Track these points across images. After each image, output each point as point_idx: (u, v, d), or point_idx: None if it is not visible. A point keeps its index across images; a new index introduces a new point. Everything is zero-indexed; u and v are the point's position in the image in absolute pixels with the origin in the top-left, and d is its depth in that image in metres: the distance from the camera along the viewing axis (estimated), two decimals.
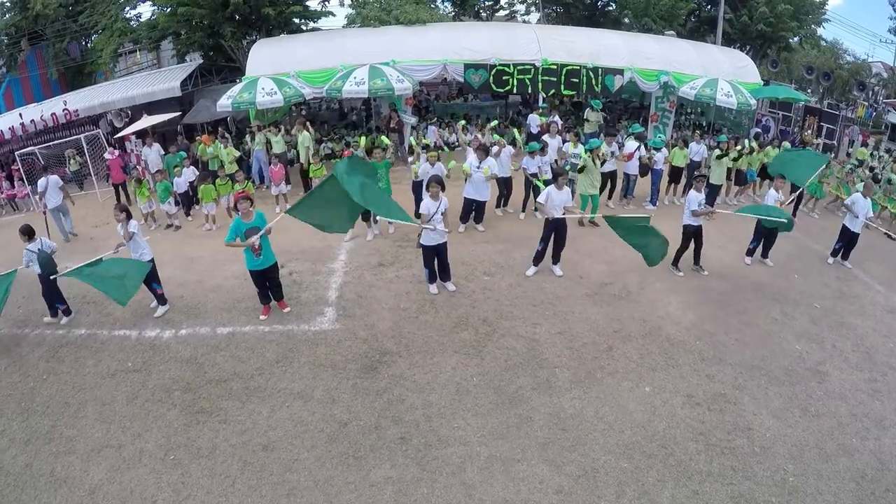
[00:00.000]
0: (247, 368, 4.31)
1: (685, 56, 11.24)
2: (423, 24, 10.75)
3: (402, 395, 3.97)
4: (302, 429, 3.67)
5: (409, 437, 3.56)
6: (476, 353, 4.56)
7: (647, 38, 11.77)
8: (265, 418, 3.78)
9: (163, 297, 5.24)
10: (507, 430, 3.74)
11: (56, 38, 12.98)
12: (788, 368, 4.70)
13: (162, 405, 3.98)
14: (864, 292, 6.36)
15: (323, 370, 4.22)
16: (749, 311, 5.52)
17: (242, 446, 3.55)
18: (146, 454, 3.54)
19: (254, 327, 4.83)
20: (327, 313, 5.08)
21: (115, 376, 4.33)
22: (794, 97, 11.18)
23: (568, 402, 4.05)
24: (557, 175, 5.53)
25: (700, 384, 4.34)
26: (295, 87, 9.02)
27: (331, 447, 3.49)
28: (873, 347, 5.20)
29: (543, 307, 5.26)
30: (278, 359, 4.41)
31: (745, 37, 13.94)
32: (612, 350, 4.68)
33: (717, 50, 12.33)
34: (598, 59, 10.45)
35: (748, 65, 11.66)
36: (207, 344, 4.65)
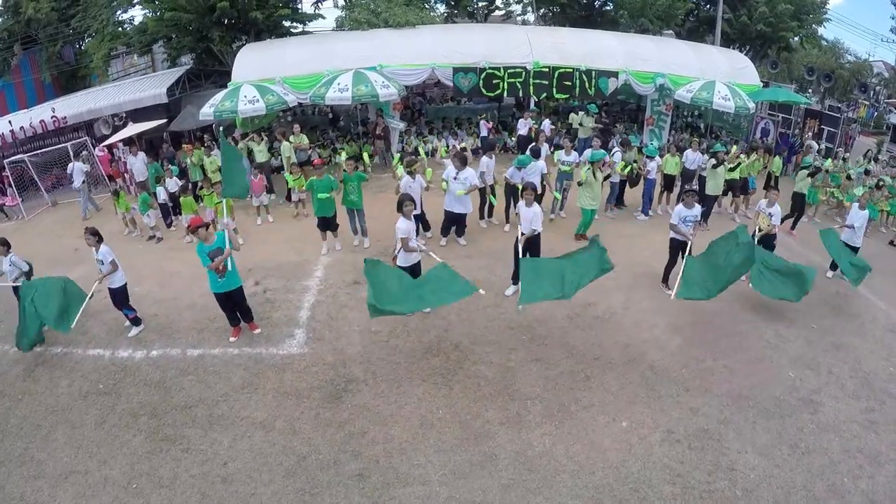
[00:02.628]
0: (212, 394, 4.17)
1: (682, 57, 10.80)
2: (413, 27, 10.38)
3: (364, 428, 3.78)
4: (261, 461, 3.53)
5: (367, 473, 3.39)
6: (445, 382, 4.29)
7: (644, 39, 11.34)
8: (226, 449, 3.66)
9: (136, 319, 5.11)
10: (470, 469, 3.51)
11: (49, 42, 12.75)
12: (779, 399, 4.37)
13: (128, 430, 3.88)
14: (865, 309, 5.99)
15: (287, 398, 4.06)
16: (741, 332, 5.18)
17: (202, 477, 3.45)
18: (110, 482, 3.46)
19: (223, 350, 4.68)
20: (297, 336, 4.89)
21: (86, 398, 4.25)
22: (794, 100, 10.71)
23: (537, 438, 3.77)
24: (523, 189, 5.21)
25: (682, 418, 4.03)
26: (278, 95, 8.70)
27: (288, 482, 3.35)
28: (872, 372, 4.86)
29: (521, 331, 4.95)
30: (244, 384, 4.25)
31: (745, 37, 13.43)
32: (590, 380, 4.37)
33: (715, 51, 11.86)
34: (591, 61, 10.05)
35: (747, 66, 11.19)
36: (177, 367, 4.52)
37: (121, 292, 4.94)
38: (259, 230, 7.68)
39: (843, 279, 6.53)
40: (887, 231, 8.68)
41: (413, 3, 11.11)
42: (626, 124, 12.02)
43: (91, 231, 4.91)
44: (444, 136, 10.86)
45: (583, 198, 6.46)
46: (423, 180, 6.08)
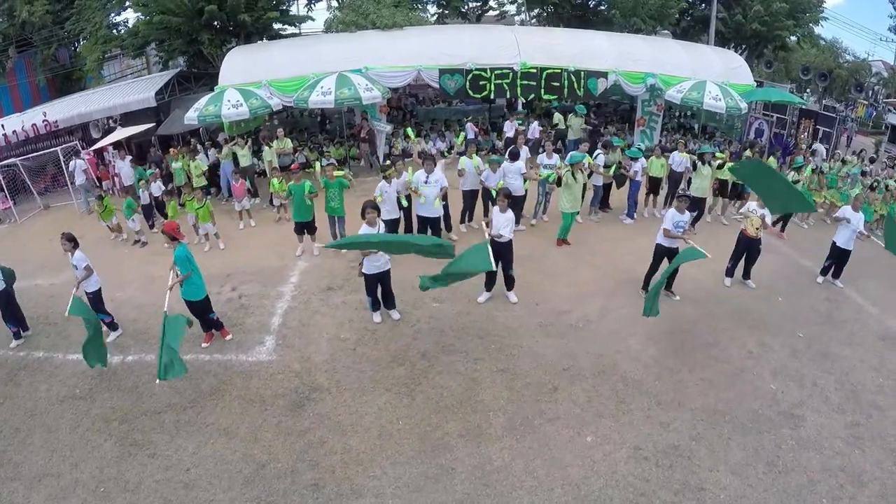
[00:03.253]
0: (181, 400, 4.15)
1: (675, 57, 10.53)
2: (401, 29, 10.21)
3: (323, 437, 3.70)
4: (222, 468, 3.51)
5: (322, 483, 3.32)
6: (408, 392, 4.15)
7: (635, 38, 11.08)
8: (190, 455, 3.64)
9: (112, 323, 5.09)
10: (425, 483, 3.38)
11: (44, 45, 12.70)
12: (758, 413, 4.14)
13: (100, 435, 3.91)
14: (855, 316, 5.72)
15: (251, 405, 4.01)
16: (721, 342, 4.95)
17: (166, 483, 3.45)
18: (80, 485, 3.50)
19: (195, 356, 4.64)
20: (267, 342, 4.82)
21: (63, 402, 4.27)
22: (788, 100, 10.38)
23: (497, 452, 3.59)
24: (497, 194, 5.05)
25: (651, 434, 3.81)
26: (262, 99, 8.57)
27: (246, 490, 3.33)
28: (860, 384, 4.61)
29: (490, 339, 4.77)
30: (212, 391, 4.22)
31: (740, 36, 13.10)
32: (558, 391, 4.17)
33: (709, 50, 11.57)
34: (581, 61, 9.82)
35: (741, 66, 10.90)
36: (150, 372, 4.44)
37: (95, 296, 4.91)
38: (241, 234, 7.59)
39: (834, 284, 6.27)
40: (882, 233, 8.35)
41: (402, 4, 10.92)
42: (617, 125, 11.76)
43: (67, 237, 4.90)
44: (432, 137, 10.67)
45: (562, 201, 6.26)
46: (399, 185, 5.94)
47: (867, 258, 7.17)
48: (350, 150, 10.13)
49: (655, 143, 10.05)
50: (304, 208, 6.15)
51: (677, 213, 5.14)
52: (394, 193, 5.90)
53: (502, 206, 4.92)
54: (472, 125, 10.09)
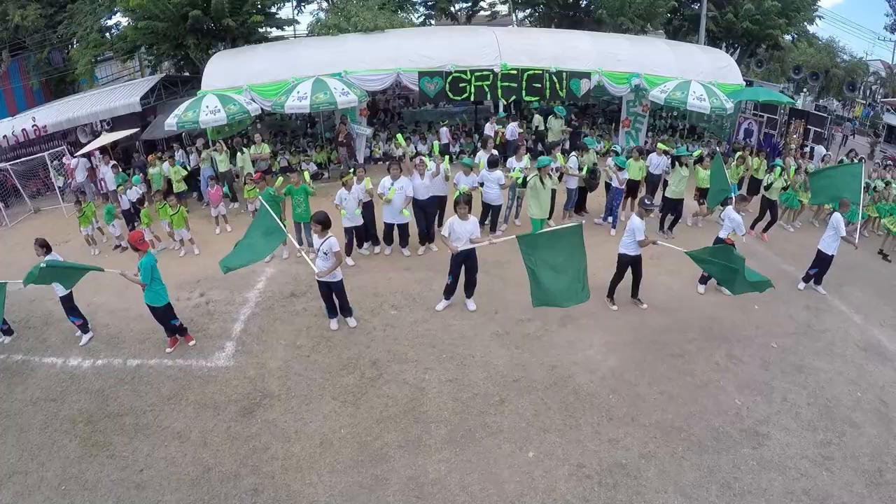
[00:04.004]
0: (142, 404, 4.21)
1: (661, 57, 10.21)
2: (382, 32, 10.04)
3: (267, 443, 3.69)
4: (172, 470, 3.58)
5: (261, 489, 3.34)
6: (354, 400, 4.03)
7: (620, 38, 10.75)
8: (144, 456, 3.72)
9: (83, 326, 5.10)
10: (359, 492, 3.30)
11: (37, 49, 12.67)
12: (718, 430, 3.85)
13: (66, 436, 3.98)
14: (837, 325, 5.39)
15: (205, 410, 4.04)
16: (688, 353, 4.66)
17: (120, 482, 3.54)
18: (45, 483, 3.59)
19: (159, 360, 4.67)
20: (227, 348, 4.79)
21: (35, 404, 4.35)
22: (776, 99, 9.98)
23: (433, 464, 3.45)
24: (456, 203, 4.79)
25: (598, 451, 3.57)
26: (240, 104, 8.43)
27: (191, 492, 3.39)
28: (835, 398, 4.31)
29: (443, 348, 4.58)
30: (171, 395, 4.25)
31: (731, 35, 12.67)
32: (504, 404, 3.96)
33: (698, 50, 11.22)
34: (563, 62, 9.55)
35: (730, 65, 10.53)
36: (116, 376, 4.56)
37: (67, 300, 4.94)
38: (217, 239, 7.51)
39: (816, 290, 5.93)
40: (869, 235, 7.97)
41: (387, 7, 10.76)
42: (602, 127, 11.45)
43: (40, 243, 4.94)
44: (415, 140, 10.48)
45: (530, 207, 6.00)
46: (360, 192, 5.76)
47: (854, 263, 6.81)
48: (331, 154, 9.97)
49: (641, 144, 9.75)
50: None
51: (640, 219, 4.86)
52: (353, 201, 5.73)
53: (462, 214, 4.70)
54: (446, 130, 9.84)
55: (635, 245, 4.86)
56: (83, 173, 9.29)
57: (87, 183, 9.41)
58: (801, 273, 6.03)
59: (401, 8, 13.06)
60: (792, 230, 7.77)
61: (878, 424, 4.10)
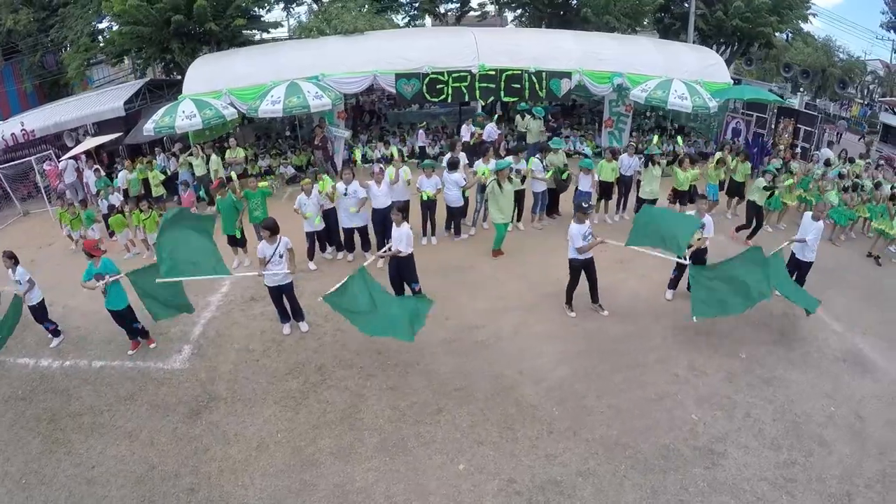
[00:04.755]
0: (101, 403, 4.30)
1: (646, 56, 9.92)
2: (362, 34, 9.88)
3: (208, 445, 3.75)
4: (120, 467, 3.67)
5: (197, 488, 3.40)
6: (294, 405, 4.01)
7: (604, 37, 10.49)
8: (97, 454, 3.80)
9: (55, 330, 5.21)
10: (287, 497, 3.30)
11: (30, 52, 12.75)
12: (668, 447, 3.56)
13: (31, 433, 4.09)
14: (815, 333, 5.05)
15: (157, 411, 4.13)
16: (646, 364, 4.38)
17: (73, 478, 3.63)
18: (8, 476, 3.69)
19: (121, 362, 4.76)
20: (184, 351, 4.84)
21: (6, 402, 4.45)
22: (763, 97, 9.58)
23: (362, 473, 3.39)
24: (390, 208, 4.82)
25: (532, 466, 3.40)
26: (216, 109, 8.34)
27: (135, 489, 3.48)
28: (805, 414, 3.99)
29: (389, 355, 4.46)
30: (128, 396, 4.34)
31: (721, 33, 12.25)
32: (441, 413, 3.83)
33: (685, 48, 10.90)
34: (542, 62, 9.31)
35: (717, 63, 10.18)
36: (81, 377, 4.65)
37: (38, 309, 5.03)
38: None
39: None
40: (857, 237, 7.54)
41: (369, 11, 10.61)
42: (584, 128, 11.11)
43: (7, 254, 5.03)
44: (395, 142, 10.29)
45: (492, 211, 5.80)
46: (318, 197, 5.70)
47: (841, 266, 6.42)
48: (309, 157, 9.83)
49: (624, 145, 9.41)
50: (230, 222, 6.04)
51: (579, 224, 4.62)
52: (313, 206, 5.66)
53: (397, 220, 4.66)
54: (422, 131, 9.62)
55: None
56: (72, 175, 9.32)
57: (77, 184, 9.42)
58: None
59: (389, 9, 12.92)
60: (771, 230, 7.38)
61: (850, 442, 3.78)
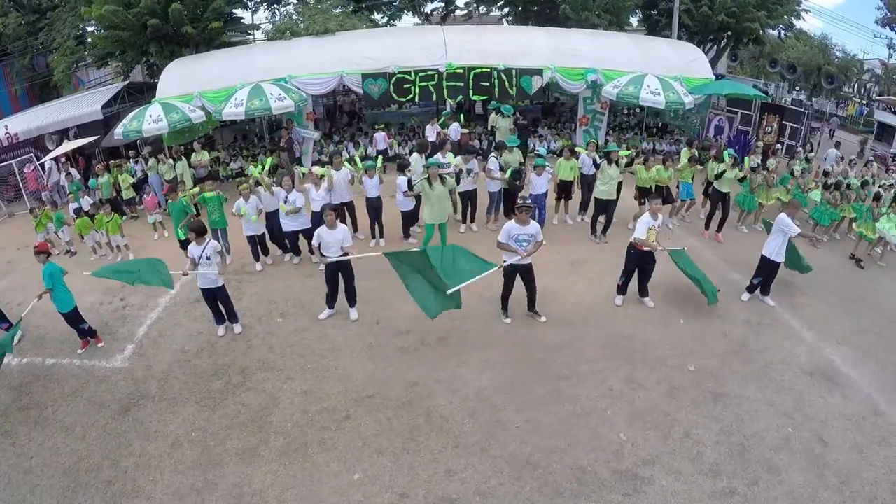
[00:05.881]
0: (47, 399, 4.38)
1: (623, 52, 9.57)
2: (333, 34, 9.68)
3: (131, 440, 3.83)
4: (54, 459, 3.76)
5: (114, 481, 3.50)
6: (213, 405, 4.03)
7: (578, 33, 10.20)
8: (37, 445, 3.90)
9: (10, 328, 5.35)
10: (188, 494, 3.34)
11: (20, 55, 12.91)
12: (585, 469, 3.18)
13: None
14: (780, 343, 4.59)
15: (93, 407, 4.21)
16: (577, 375, 3.99)
17: (13, 467, 3.73)
18: None
19: (70, 360, 4.82)
20: (126, 351, 4.87)
21: None
22: (743, 92, 9.06)
23: (260, 475, 3.37)
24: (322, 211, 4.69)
25: (429, 481, 3.23)
26: (183, 112, 8.29)
27: (63, 479, 3.59)
28: (755, 436, 3.56)
29: (310, 359, 4.40)
30: (71, 392, 4.41)
31: (707, 29, 11.71)
32: (348, 420, 3.73)
33: (665, 44, 10.52)
34: (513, 59, 9.06)
35: (698, 58, 9.76)
36: (34, 373, 4.72)
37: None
38: (155, 245, 7.48)
39: (763, 301, 5.07)
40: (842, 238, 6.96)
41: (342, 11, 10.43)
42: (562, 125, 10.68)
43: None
44: (365, 142, 10.04)
45: (425, 212, 5.58)
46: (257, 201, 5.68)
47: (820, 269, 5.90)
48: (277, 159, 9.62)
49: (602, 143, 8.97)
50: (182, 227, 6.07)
51: (518, 225, 4.30)
52: (251, 209, 5.64)
53: (330, 223, 4.51)
54: (383, 134, 9.34)
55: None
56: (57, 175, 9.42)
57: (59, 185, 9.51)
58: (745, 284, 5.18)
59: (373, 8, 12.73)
60: (746, 231, 6.86)
61: (806, 470, 3.33)
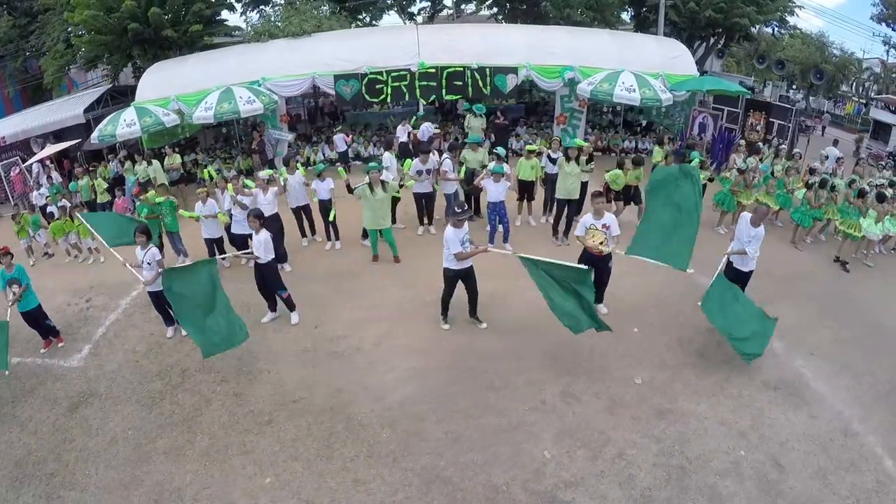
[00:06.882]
0: (8, 395, 4.48)
1: (602, 49, 9.28)
2: (310, 36, 9.59)
3: (75, 436, 3.93)
4: (8, 451, 3.87)
5: (56, 474, 3.62)
6: (151, 404, 4.12)
7: (556, 30, 10.04)
8: None
9: None
10: (116, 488, 3.45)
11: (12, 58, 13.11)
12: (499, 488, 3.06)
13: None
14: None
15: (47, 404, 4.31)
16: (510, 386, 3.73)
17: None
18: None
19: (33, 359, 4.94)
20: (84, 351, 4.94)
21: None
22: (723, 88, 8.69)
23: (181, 474, 3.45)
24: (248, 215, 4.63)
25: (335, 489, 3.20)
26: (156, 116, 8.35)
27: (13, 470, 3.72)
28: (700, 458, 3.25)
29: (246, 361, 4.42)
30: (30, 389, 4.51)
31: (695, 25, 11.31)
32: (271, 424, 3.76)
33: (647, 40, 10.30)
34: (487, 57, 8.90)
35: (682, 55, 9.47)
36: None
37: None
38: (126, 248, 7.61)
39: None
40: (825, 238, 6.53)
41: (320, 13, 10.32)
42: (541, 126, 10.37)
43: None
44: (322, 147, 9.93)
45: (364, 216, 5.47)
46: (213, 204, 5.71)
47: (801, 273, 5.48)
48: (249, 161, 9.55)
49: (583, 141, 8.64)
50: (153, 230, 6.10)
51: (456, 229, 4.15)
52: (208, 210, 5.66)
53: (255, 227, 4.53)
54: (343, 136, 9.20)
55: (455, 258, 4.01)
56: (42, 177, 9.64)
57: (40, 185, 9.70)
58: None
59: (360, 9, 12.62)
60: (723, 232, 6.48)
61: (756, 499, 3.04)
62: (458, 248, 4.06)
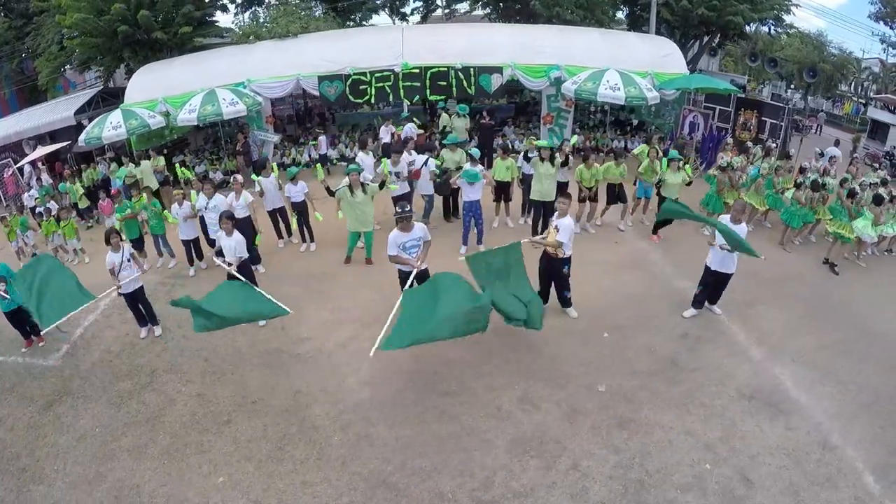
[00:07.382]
0: None
1: (591, 47, 9.17)
2: (295, 37, 9.58)
3: (47, 433, 4.01)
4: None
5: (27, 469, 3.69)
6: (119, 403, 4.18)
7: (545, 29, 9.98)
8: None
9: None
10: (80, 483, 3.50)
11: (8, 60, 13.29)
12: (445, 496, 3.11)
13: None
14: (718, 361, 4.10)
15: (24, 401, 4.39)
16: (468, 392, 3.67)
17: None
18: None
19: (14, 358, 5.01)
20: (62, 350, 5.03)
21: None
22: (712, 86, 8.51)
23: (141, 472, 3.54)
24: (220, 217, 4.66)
25: (283, 491, 3.22)
26: (141, 118, 8.40)
27: None
28: (661, 472, 3.14)
29: (213, 362, 4.48)
30: (9, 387, 4.56)
31: (688, 24, 11.12)
32: (229, 425, 3.80)
33: (637, 38, 10.16)
34: (472, 57, 8.86)
35: (672, 53, 9.34)
36: None
37: None
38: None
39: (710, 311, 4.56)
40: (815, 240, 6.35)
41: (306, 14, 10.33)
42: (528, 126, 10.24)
43: None
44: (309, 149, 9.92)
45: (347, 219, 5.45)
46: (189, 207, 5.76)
47: (787, 277, 5.34)
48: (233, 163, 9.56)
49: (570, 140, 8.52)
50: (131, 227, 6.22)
51: (401, 233, 4.10)
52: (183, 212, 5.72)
53: (227, 230, 4.57)
54: (323, 137, 9.14)
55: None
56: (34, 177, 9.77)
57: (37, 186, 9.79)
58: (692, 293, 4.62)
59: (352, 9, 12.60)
60: (708, 233, 6.33)
61: None
62: (395, 251, 4.02)
